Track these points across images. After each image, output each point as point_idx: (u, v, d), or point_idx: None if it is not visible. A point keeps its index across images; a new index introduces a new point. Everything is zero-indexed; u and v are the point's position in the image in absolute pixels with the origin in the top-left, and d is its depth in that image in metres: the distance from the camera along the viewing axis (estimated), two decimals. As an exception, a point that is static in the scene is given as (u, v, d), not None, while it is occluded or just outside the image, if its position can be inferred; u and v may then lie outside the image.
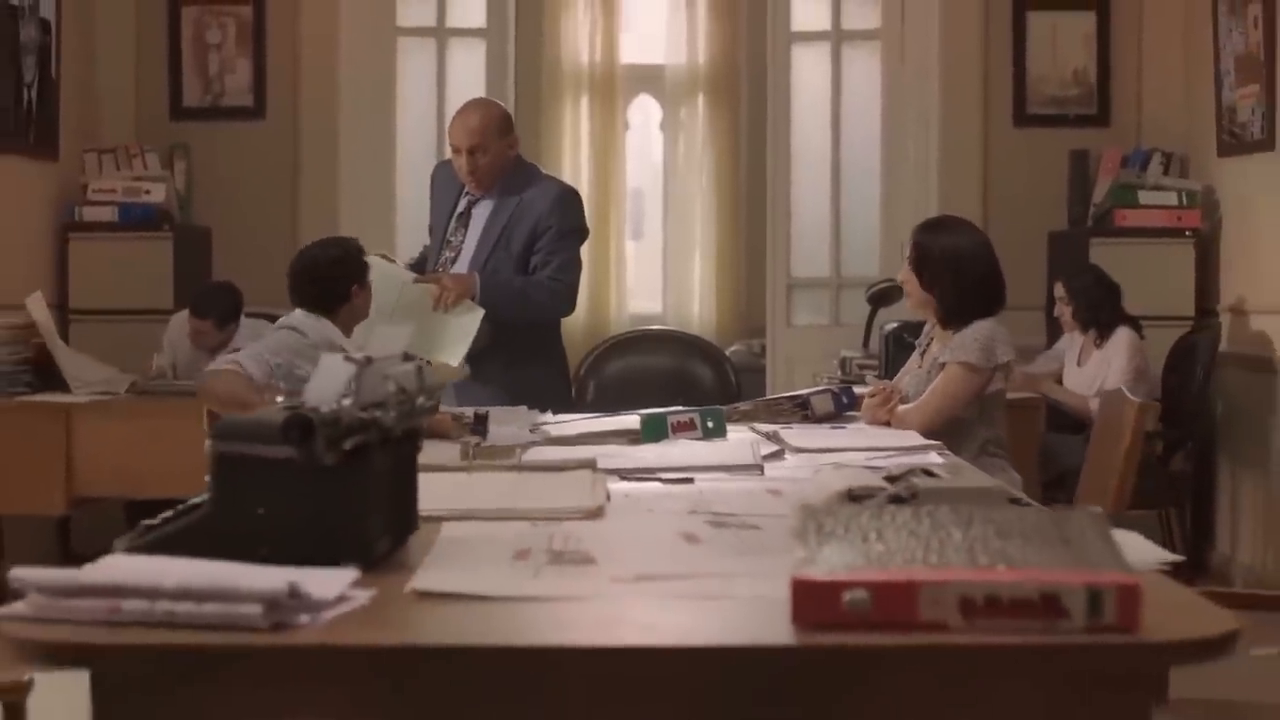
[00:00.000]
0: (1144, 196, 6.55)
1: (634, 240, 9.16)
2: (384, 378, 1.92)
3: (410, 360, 2.08)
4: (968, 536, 1.71)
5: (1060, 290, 6.18)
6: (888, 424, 3.78)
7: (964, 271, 3.93)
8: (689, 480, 2.75)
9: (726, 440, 3.32)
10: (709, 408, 3.47)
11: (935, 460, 2.98)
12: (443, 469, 2.69)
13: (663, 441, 3.29)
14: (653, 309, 8.90)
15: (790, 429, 3.56)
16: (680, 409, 3.44)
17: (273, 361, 4.11)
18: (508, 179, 4.62)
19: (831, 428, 3.69)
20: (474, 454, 3.05)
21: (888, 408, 3.82)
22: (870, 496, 2.16)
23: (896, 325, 5.84)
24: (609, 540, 2.08)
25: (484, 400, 4.01)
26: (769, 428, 3.55)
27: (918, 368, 4.07)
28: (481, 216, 4.64)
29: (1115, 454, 3.57)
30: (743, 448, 3.09)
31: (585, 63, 8.74)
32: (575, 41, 8.73)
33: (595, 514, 2.33)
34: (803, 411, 3.82)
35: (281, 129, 6.90)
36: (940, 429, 3.73)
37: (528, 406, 3.89)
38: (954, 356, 3.86)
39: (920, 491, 2.18)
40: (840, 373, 6.02)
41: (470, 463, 2.93)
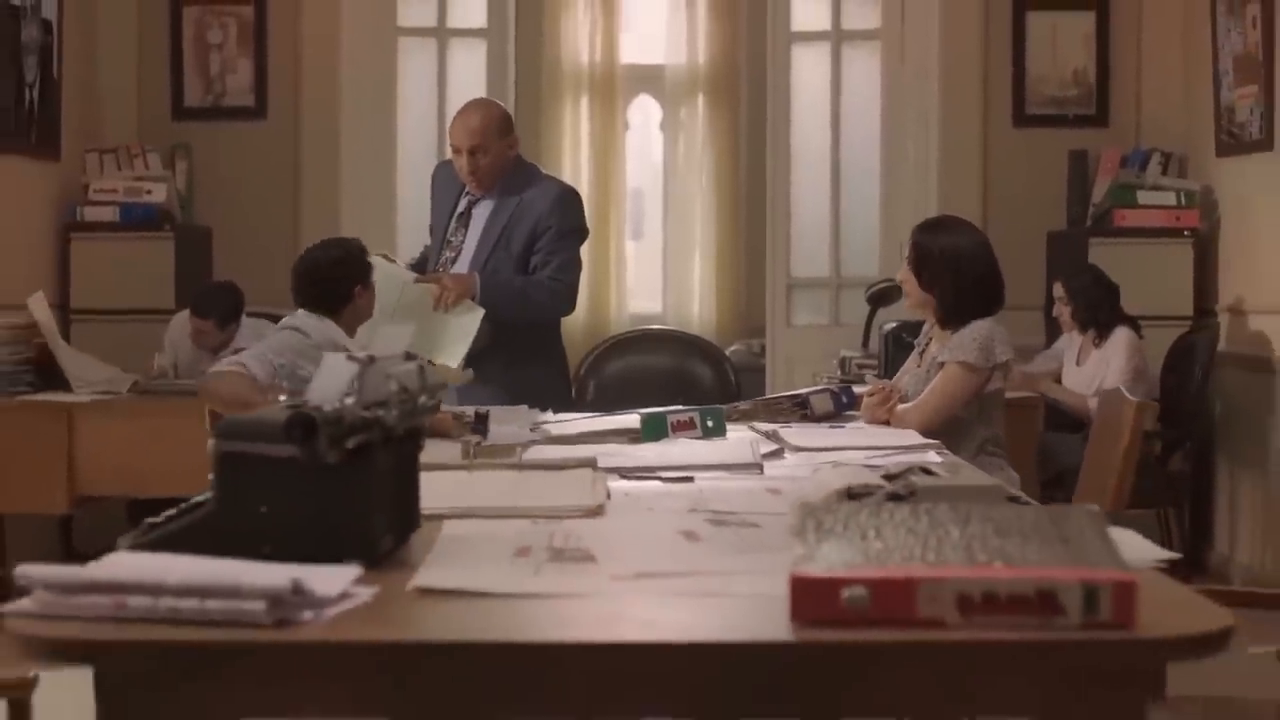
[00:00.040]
0: (1143, 196, 6.56)
1: (634, 240, 9.15)
2: (386, 377, 1.93)
3: (412, 359, 2.09)
4: (965, 534, 1.72)
5: (1059, 290, 6.18)
6: (887, 423, 3.79)
7: (963, 271, 3.94)
8: (689, 479, 2.76)
9: (726, 439, 3.33)
10: (709, 407, 3.48)
11: (934, 459, 2.98)
12: (444, 468, 2.69)
13: (663, 440, 3.30)
14: (653, 309, 8.89)
15: (789, 428, 3.57)
16: (680, 408, 3.45)
17: (276, 362, 4.11)
18: (508, 179, 4.62)
19: (830, 427, 3.70)
20: (475, 453, 3.06)
21: (887, 407, 3.83)
22: (869, 495, 2.17)
23: (896, 325, 5.85)
24: (609, 538, 2.09)
25: (484, 400, 4.01)
26: (768, 427, 3.56)
27: (916, 367, 4.08)
28: (482, 216, 4.65)
29: (1114, 453, 3.57)
30: (742, 447, 3.10)
31: (585, 63, 8.74)
32: (575, 41, 8.73)
33: (595, 512, 2.34)
34: (802, 411, 3.83)
35: (283, 129, 6.91)
36: (939, 428, 3.73)
37: (528, 406, 3.90)
38: (952, 356, 3.87)
39: (918, 489, 2.19)
40: (840, 372, 6.03)
41: (471, 461, 2.94)
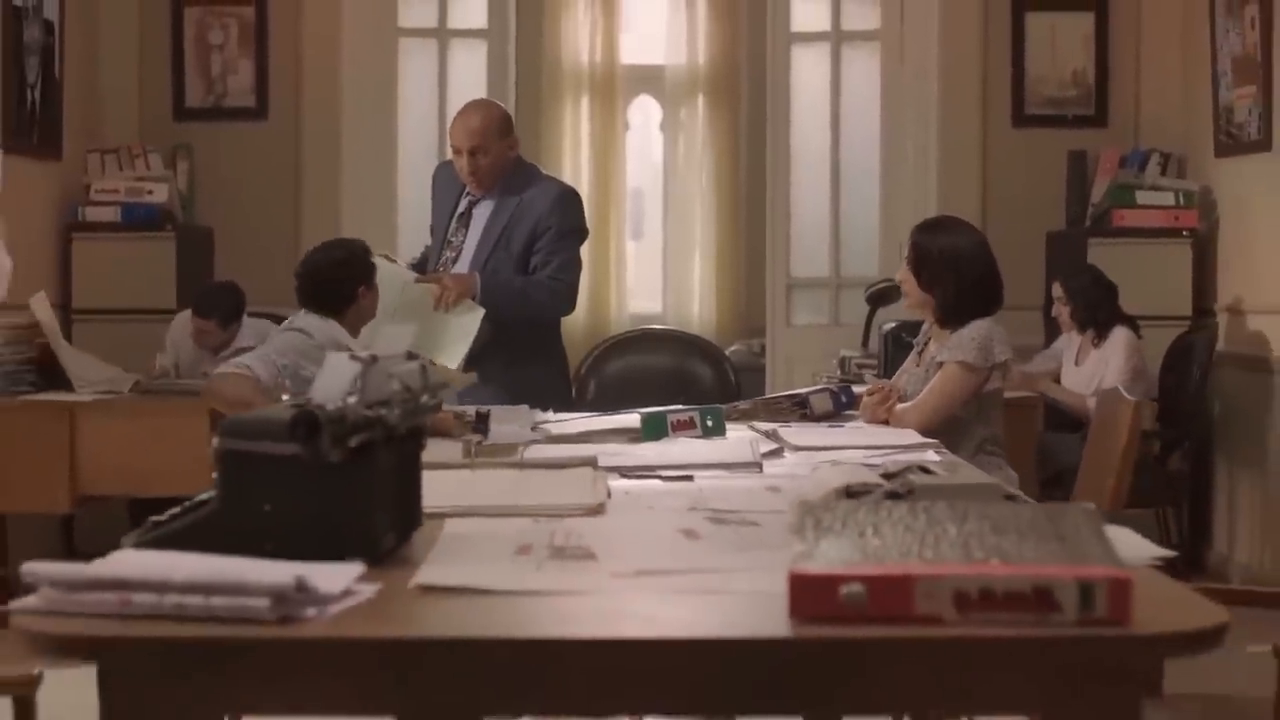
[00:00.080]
0: (1141, 197, 6.56)
1: (634, 240, 9.15)
2: (389, 376, 1.95)
3: (414, 359, 2.11)
4: (963, 531, 1.73)
5: (1058, 290, 6.19)
6: (886, 423, 3.80)
7: (962, 271, 3.95)
8: (689, 477, 2.77)
9: (726, 438, 3.34)
10: (708, 406, 3.48)
11: (932, 458, 2.99)
12: (446, 466, 2.71)
13: (663, 440, 3.31)
14: (653, 309, 8.90)
15: (789, 427, 3.58)
16: (680, 408, 3.45)
17: (279, 363, 4.12)
18: (508, 179, 4.63)
19: (830, 426, 3.71)
20: (476, 452, 3.06)
21: (886, 406, 3.84)
22: (867, 493, 2.17)
23: (895, 325, 5.86)
24: (609, 536, 2.10)
25: (485, 399, 4.01)
26: (768, 426, 3.57)
27: (916, 367, 4.08)
28: (482, 217, 4.65)
29: (1112, 453, 3.57)
30: (742, 446, 3.11)
31: (585, 63, 8.74)
32: (575, 42, 8.73)
33: (596, 510, 2.35)
34: (801, 410, 3.84)
35: (284, 129, 6.91)
36: (938, 427, 3.74)
37: (528, 405, 3.90)
38: (951, 356, 3.88)
39: (916, 488, 2.19)
40: (839, 372, 6.04)
41: (473, 460, 2.95)
